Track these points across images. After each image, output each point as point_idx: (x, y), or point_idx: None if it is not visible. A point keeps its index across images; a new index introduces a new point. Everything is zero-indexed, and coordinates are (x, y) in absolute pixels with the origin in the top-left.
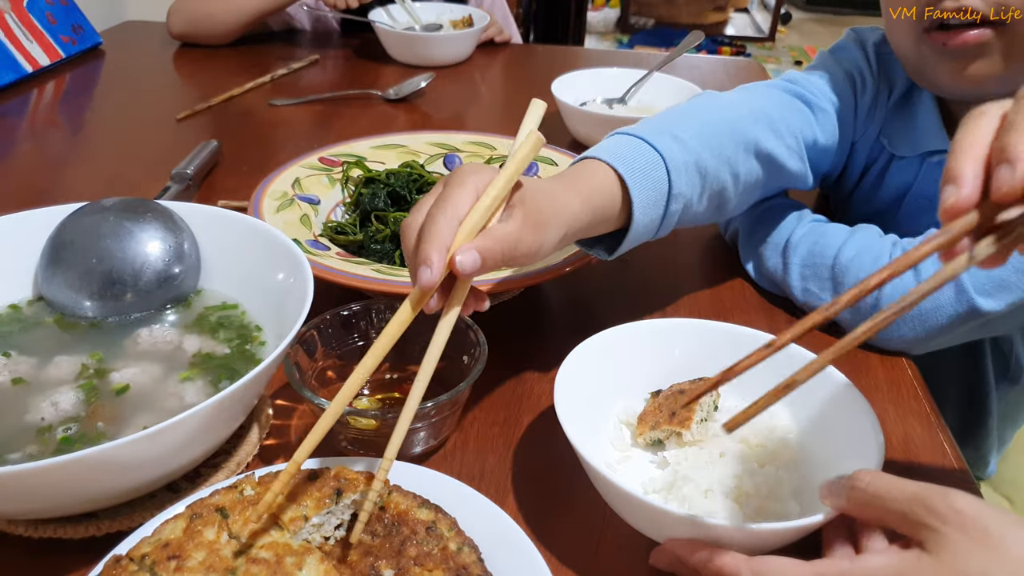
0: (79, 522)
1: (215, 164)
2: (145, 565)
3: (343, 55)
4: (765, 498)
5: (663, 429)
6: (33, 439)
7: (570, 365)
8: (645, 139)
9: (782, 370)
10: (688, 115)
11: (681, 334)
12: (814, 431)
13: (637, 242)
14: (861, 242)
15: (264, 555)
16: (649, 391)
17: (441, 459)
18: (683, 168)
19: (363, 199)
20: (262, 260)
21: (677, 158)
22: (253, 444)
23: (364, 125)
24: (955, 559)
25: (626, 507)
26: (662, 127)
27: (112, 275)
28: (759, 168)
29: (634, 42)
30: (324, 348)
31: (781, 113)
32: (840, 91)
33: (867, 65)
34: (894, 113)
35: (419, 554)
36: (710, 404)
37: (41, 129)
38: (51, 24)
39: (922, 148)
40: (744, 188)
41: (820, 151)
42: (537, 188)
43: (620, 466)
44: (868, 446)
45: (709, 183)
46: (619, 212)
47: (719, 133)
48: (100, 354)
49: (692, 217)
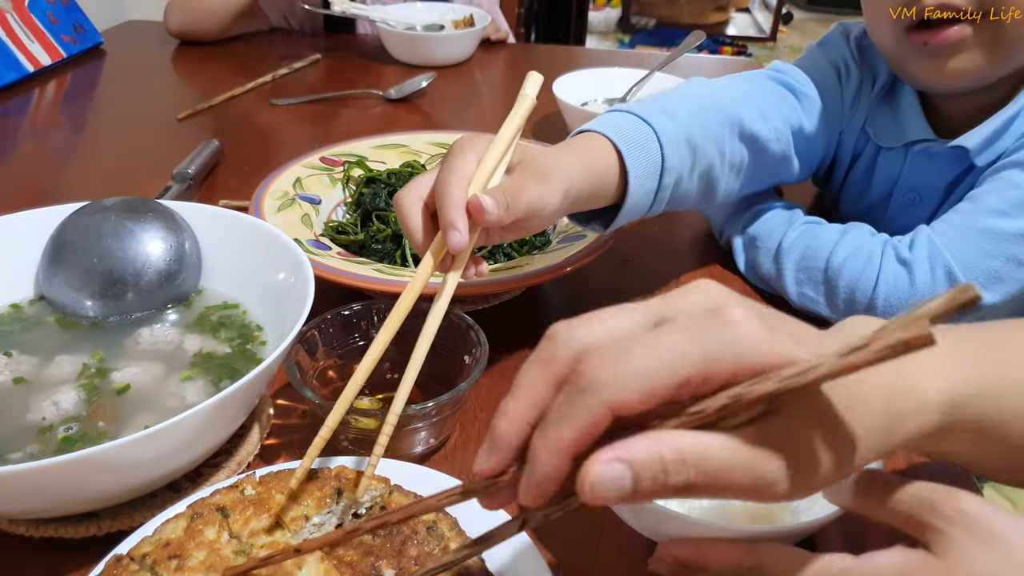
0: (80, 521)
1: (216, 164)
2: (146, 564)
3: (344, 55)
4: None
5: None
6: (34, 438)
7: None
8: (638, 115)
9: None
10: (678, 96)
11: None
12: None
13: (632, 216)
14: (852, 243)
15: (265, 555)
16: None
17: (442, 459)
18: (675, 142)
19: (364, 199)
20: (263, 260)
21: (669, 132)
22: (254, 444)
23: (365, 125)
24: (961, 561)
25: (626, 508)
26: (654, 105)
27: (113, 275)
28: (743, 149)
29: (635, 42)
30: (325, 348)
31: (767, 98)
32: (826, 80)
33: (851, 56)
34: (878, 104)
35: (420, 554)
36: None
37: (42, 129)
38: (52, 24)
39: (906, 138)
40: (730, 168)
41: (807, 139)
42: (537, 150)
43: None
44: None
45: (699, 160)
46: (616, 182)
47: (707, 111)
48: (101, 354)
49: (683, 196)
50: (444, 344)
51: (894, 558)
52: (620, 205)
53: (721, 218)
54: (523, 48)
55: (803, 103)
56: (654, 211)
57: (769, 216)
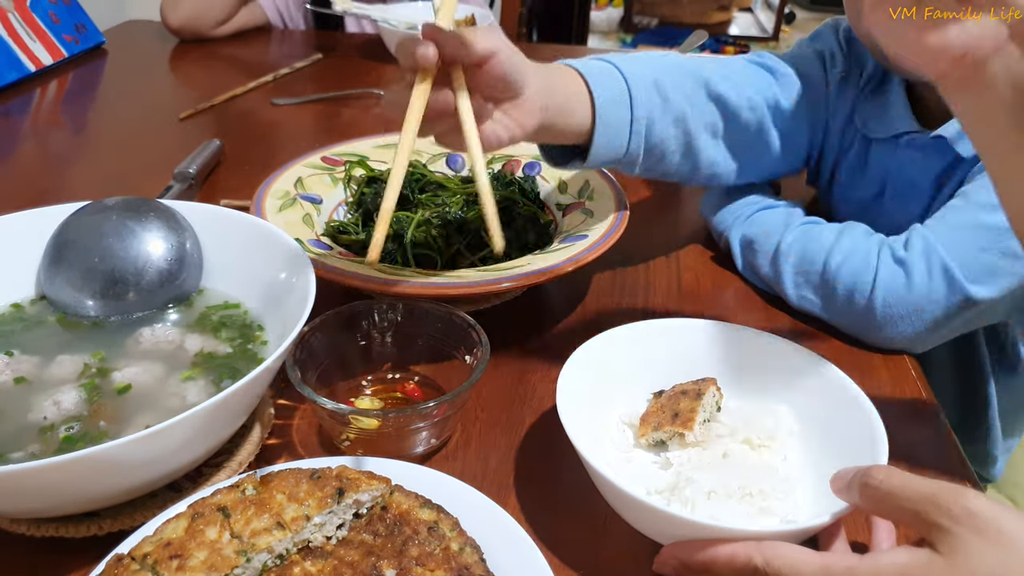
0: (81, 521)
1: (217, 163)
2: (147, 564)
3: (345, 54)
4: (769, 499)
5: (665, 430)
6: (35, 438)
7: (572, 366)
8: (600, 58)
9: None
10: (641, 55)
11: (683, 334)
12: (817, 432)
13: (609, 151)
14: (849, 245)
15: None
16: (651, 392)
17: (443, 459)
18: (640, 80)
19: (365, 198)
20: (264, 259)
21: (633, 71)
22: (255, 443)
23: (366, 124)
24: (967, 560)
25: (629, 509)
26: (615, 57)
27: (114, 274)
28: (715, 110)
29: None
30: (326, 348)
31: (737, 70)
32: (808, 65)
33: (839, 47)
34: (865, 95)
35: (421, 554)
36: (713, 405)
37: (44, 128)
38: (54, 23)
39: (893, 130)
40: (705, 128)
41: (786, 116)
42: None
43: (623, 467)
44: (872, 446)
45: (669, 105)
46: (587, 110)
47: (672, 69)
48: (102, 353)
49: (663, 144)
50: (445, 344)
51: (899, 557)
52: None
53: (719, 219)
54: (525, 47)
55: (779, 80)
56: (634, 152)
57: (766, 217)
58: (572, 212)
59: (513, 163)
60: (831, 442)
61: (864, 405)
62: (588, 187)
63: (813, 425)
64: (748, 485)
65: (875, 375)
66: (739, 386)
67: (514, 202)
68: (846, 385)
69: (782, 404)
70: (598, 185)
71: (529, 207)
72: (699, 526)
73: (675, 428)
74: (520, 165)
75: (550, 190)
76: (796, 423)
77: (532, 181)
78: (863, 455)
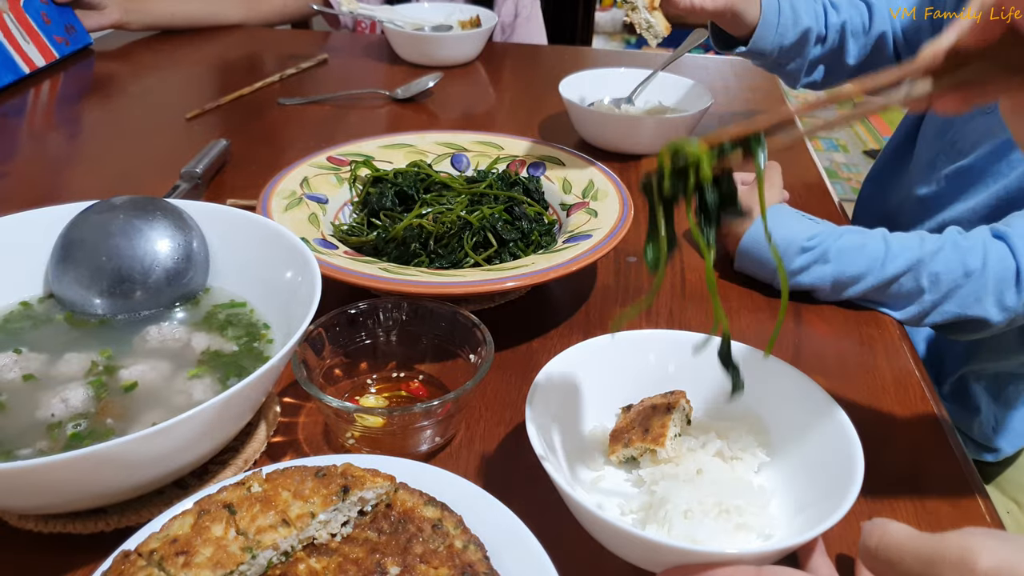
0: (88, 517)
1: (224, 163)
2: (153, 560)
3: (351, 55)
4: (745, 514)
5: (636, 447)
6: (43, 435)
7: (541, 383)
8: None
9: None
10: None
11: (650, 345)
12: (791, 443)
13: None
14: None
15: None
16: (620, 406)
17: (447, 457)
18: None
19: (371, 198)
20: (270, 259)
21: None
22: (261, 441)
23: (372, 124)
24: None
25: (612, 540)
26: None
27: (122, 273)
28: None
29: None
30: (332, 346)
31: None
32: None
33: None
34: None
35: (425, 552)
36: (683, 418)
37: (48, 129)
38: (46, 24)
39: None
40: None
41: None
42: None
43: (595, 486)
44: (846, 453)
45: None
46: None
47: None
48: (110, 351)
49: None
50: (450, 343)
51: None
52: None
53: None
54: (530, 48)
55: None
56: (782, 31)
57: (850, 253)
58: (576, 212)
59: (517, 163)
60: (803, 451)
61: (835, 412)
62: (592, 187)
63: (785, 434)
64: (724, 501)
65: (878, 375)
66: (708, 397)
67: (519, 202)
68: (817, 394)
69: (752, 414)
70: (602, 185)
71: (534, 207)
72: (679, 553)
73: (646, 444)
74: (524, 165)
75: (555, 190)
76: (767, 433)
77: (536, 181)
78: (836, 463)
